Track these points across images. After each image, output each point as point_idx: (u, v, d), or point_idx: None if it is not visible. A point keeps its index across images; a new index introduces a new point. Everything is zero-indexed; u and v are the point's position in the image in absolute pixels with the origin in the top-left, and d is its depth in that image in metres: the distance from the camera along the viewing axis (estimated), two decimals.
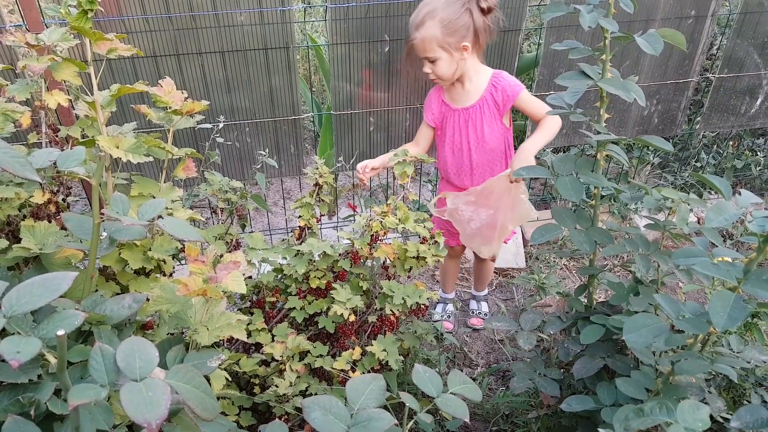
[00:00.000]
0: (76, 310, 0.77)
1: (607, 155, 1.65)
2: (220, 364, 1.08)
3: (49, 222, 1.23)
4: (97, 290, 1.29)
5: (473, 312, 2.66)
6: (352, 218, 3.02)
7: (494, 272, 2.93)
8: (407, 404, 1.07)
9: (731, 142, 3.60)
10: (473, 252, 2.44)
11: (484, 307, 2.68)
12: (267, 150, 2.49)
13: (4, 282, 0.75)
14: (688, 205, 1.52)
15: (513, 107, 2.11)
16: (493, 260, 2.23)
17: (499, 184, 1.98)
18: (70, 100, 1.29)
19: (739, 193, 1.25)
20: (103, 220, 1.06)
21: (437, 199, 2.13)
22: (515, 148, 2.12)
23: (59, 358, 0.70)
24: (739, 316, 1.05)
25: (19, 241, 1.20)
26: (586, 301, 1.85)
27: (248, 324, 1.68)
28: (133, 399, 0.69)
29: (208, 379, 1.03)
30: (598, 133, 1.60)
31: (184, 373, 0.80)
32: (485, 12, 1.94)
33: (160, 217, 1.03)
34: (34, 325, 0.79)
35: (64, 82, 1.33)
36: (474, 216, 2.05)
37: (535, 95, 2.69)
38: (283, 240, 1.96)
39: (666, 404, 1.03)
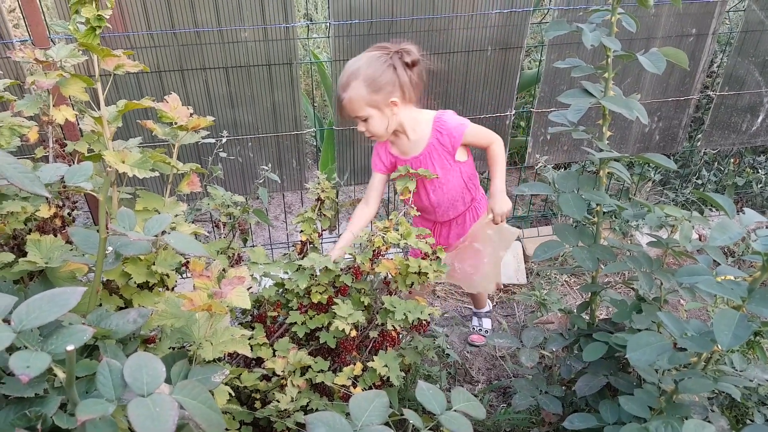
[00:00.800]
0: (83, 325, 0.77)
1: (608, 172, 1.65)
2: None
3: (55, 236, 1.24)
4: (101, 304, 1.29)
5: (474, 329, 2.66)
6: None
7: (496, 288, 2.93)
8: (411, 421, 1.07)
9: (732, 160, 3.61)
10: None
11: (486, 323, 2.68)
12: (269, 164, 2.50)
13: (12, 297, 0.75)
14: (691, 222, 1.53)
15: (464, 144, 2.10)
16: (499, 288, 2.25)
17: (482, 228, 2.05)
18: (77, 115, 1.29)
19: (743, 212, 1.26)
20: (110, 235, 1.07)
21: None
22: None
23: (68, 373, 0.70)
24: (744, 334, 1.05)
25: (24, 254, 1.20)
26: (588, 318, 1.85)
27: (249, 338, 1.67)
28: (141, 414, 0.69)
29: (211, 393, 1.03)
30: (601, 150, 1.61)
31: (190, 388, 0.80)
32: (410, 66, 1.93)
33: (165, 232, 1.03)
34: (41, 340, 0.79)
35: (70, 97, 1.34)
36: (474, 270, 2.08)
37: (537, 112, 2.72)
38: (285, 254, 1.96)
39: (671, 423, 1.03)
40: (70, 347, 0.68)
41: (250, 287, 1.82)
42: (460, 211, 2.23)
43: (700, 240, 1.49)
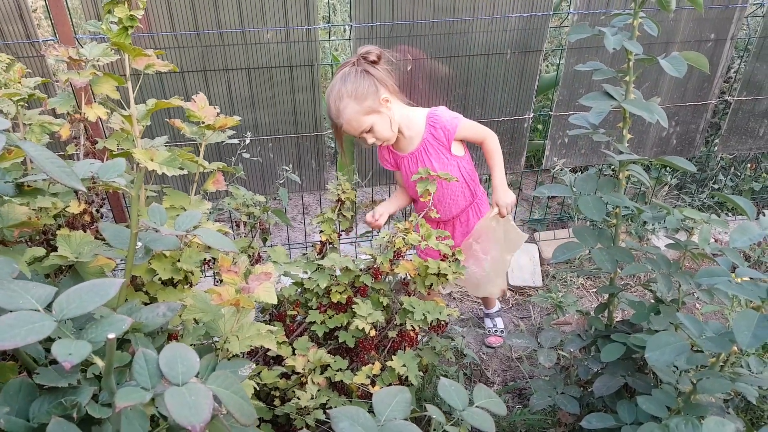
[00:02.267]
0: (121, 316, 0.79)
1: (627, 175, 1.66)
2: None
3: (84, 231, 1.27)
4: (126, 300, 1.32)
5: (489, 331, 2.67)
6: (369, 234, 3.05)
7: (511, 291, 2.94)
8: (434, 417, 1.08)
9: (749, 165, 3.60)
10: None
11: (500, 323, 2.69)
12: (290, 165, 2.53)
13: (53, 287, 0.78)
14: (709, 225, 1.53)
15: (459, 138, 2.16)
16: (504, 294, 2.28)
17: (489, 225, 2.06)
18: (108, 114, 1.32)
19: (763, 214, 1.26)
20: (141, 230, 1.09)
21: None
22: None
23: (107, 362, 0.73)
24: (764, 334, 1.06)
25: (54, 249, 1.23)
26: (605, 319, 1.86)
27: None
28: (177, 403, 0.72)
29: None
30: (620, 153, 1.62)
31: (222, 379, 0.82)
32: (377, 62, 2.00)
33: (195, 227, 1.06)
34: (74, 332, 0.82)
35: (94, 95, 1.36)
36: (478, 269, 2.10)
37: (555, 115, 2.73)
38: (304, 254, 1.99)
39: (692, 420, 1.04)
40: (111, 335, 0.70)
41: (280, 281, 1.85)
42: (462, 207, 2.26)
43: (716, 244, 1.49)
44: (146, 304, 1.39)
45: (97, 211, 1.42)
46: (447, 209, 2.24)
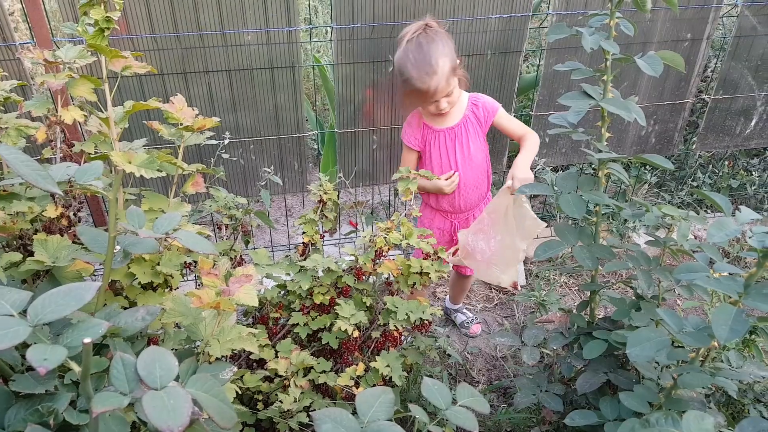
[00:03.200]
0: (98, 320, 0.79)
1: (607, 173, 1.68)
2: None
3: (62, 236, 1.25)
4: (105, 304, 1.31)
5: (465, 323, 2.70)
6: (353, 235, 3.04)
7: (495, 290, 2.95)
8: (417, 417, 1.08)
9: (726, 162, 3.65)
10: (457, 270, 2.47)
11: (469, 314, 2.75)
12: (272, 167, 2.52)
13: (28, 292, 0.77)
14: (688, 222, 1.55)
15: (492, 126, 2.16)
16: (515, 287, 2.25)
17: (502, 202, 1.99)
18: (86, 116, 1.31)
19: (739, 210, 1.28)
20: (118, 234, 1.08)
21: (454, 249, 2.14)
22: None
23: (84, 366, 0.72)
24: (741, 329, 1.07)
25: (31, 254, 1.21)
26: (587, 317, 1.87)
27: None
28: (156, 407, 0.71)
29: None
30: (600, 151, 1.63)
31: (202, 382, 0.82)
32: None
33: (174, 230, 1.05)
34: (51, 336, 0.81)
35: (72, 98, 1.35)
36: (486, 246, 2.05)
37: (536, 115, 2.75)
38: (287, 256, 1.98)
39: (672, 415, 1.05)
40: (87, 340, 0.69)
41: (262, 284, 1.84)
42: (479, 198, 2.25)
43: (695, 240, 1.51)
44: (126, 308, 1.38)
45: (75, 215, 1.40)
46: (467, 198, 2.21)
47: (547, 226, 2.06)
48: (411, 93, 2.02)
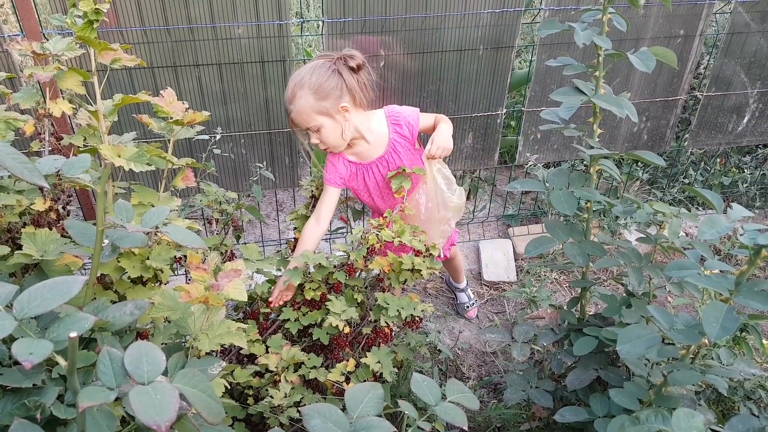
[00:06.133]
0: (84, 314, 0.78)
1: (598, 170, 1.67)
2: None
3: (50, 229, 1.24)
4: (95, 298, 1.30)
5: (466, 306, 2.76)
6: (343, 231, 3.04)
7: (485, 285, 2.96)
8: (406, 412, 1.08)
9: (719, 159, 3.66)
10: None
11: (472, 296, 2.81)
12: (264, 162, 2.51)
13: (13, 285, 0.76)
14: (679, 219, 1.55)
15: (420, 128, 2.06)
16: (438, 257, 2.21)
17: (427, 170, 1.95)
18: (75, 109, 1.30)
19: (731, 207, 1.28)
20: (107, 227, 1.07)
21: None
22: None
23: (70, 360, 0.71)
24: (732, 326, 1.07)
25: (19, 248, 1.20)
26: (578, 313, 1.87)
27: None
28: (142, 402, 0.70)
29: None
30: (591, 148, 1.63)
31: (189, 377, 0.81)
32: (355, 70, 1.89)
33: (164, 224, 1.04)
34: (38, 331, 0.80)
35: (61, 91, 1.34)
36: (424, 209, 2.02)
37: (528, 111, 2.75)
38: (278, 251, 1.97)
39: (661, 412, 1.05)
40: (73, 334, 0.68)
41: (253, 279, 1.83)
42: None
43: (687, 237, 1.51)
44: (115, 302, 1.37)
45: (64, 208, 1.39)
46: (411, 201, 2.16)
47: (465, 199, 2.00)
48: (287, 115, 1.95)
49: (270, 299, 1.82)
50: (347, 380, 1.64)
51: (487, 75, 2.58)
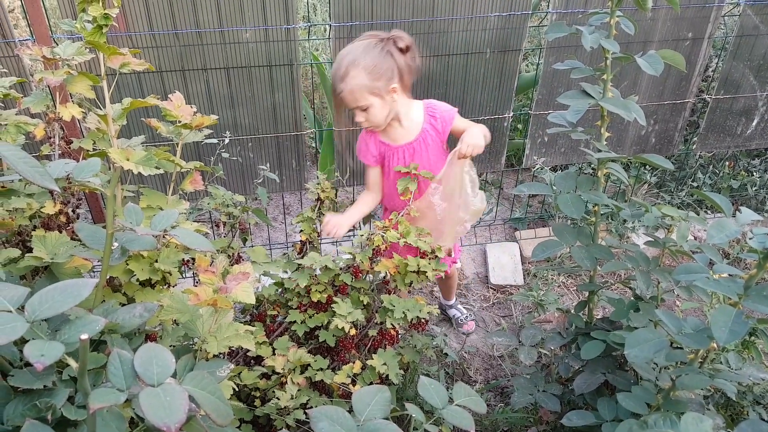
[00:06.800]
0: (95, 316, 0.78)
1: (606, 173, 1.67)
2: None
3: (60, 232, 1.25)
4: (104, 301, 1.31)
5: (459, 320, 2.71)
6: (350, 234, 3.04)
7: (492, 289, 2.95)
8: (414, 416, 1.08)
9: (727, 163, 3.64)
10: None
11: (464, 310, 2.76)
12: (269, 165, 2.52)
13: (25, 288, 0.77)
14: (688, 222, 1.55)
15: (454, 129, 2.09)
16: (449, 254, 2.21)
17: (452, 170, 1.97)
18: (84, 113, 1.31)
19: (739, 211, 1.28)
20: (117, 230, 1.08)
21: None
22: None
23: (81, 362, 0.72)
24: (741, 330, 1.07)
25: (29, 250, 1.21)
26: (585, 317, 1.87)
27: None
28: (152, 403, 0.71)
29: None
30: (599, 151, 1.63)
31: (199, 379, 0.81)
32: (404, 51, 1.94)
33: (172, 227, 1.05)
34: (49, 333, 0.80)
35: (70, 95, 1.35)
36: (430, 211, 2.01)
37: (535, 114, 2.75)
38: (284, 254, 1.98)
39: (669, 417, 1.05)
40: (84, 336, 0.69)
41: (260, 281, 1.84)
42: None
43: (695, 241, 1.51)
44: (124, 304, 1.38)
45: (74, 211, 1.40)
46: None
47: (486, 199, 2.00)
48: (332, 89, 1.99)
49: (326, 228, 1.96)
50: (353, 382, 1.64)
51: (494, 78, 2.58)
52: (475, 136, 1.96)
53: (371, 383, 1.67)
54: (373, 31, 1.97)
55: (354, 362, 1.63)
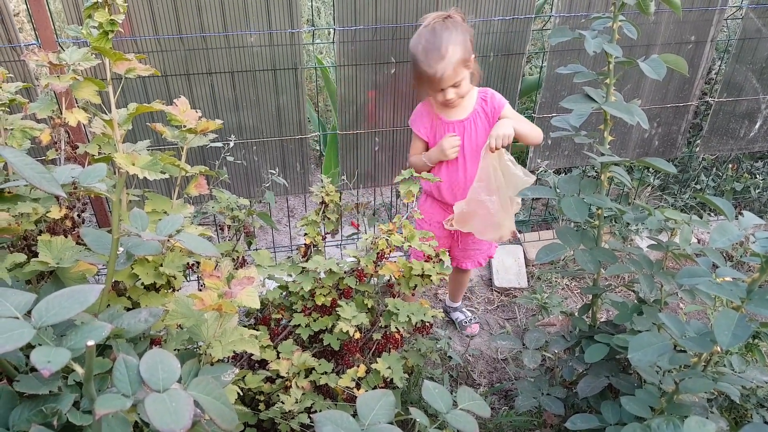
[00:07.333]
0: (102, 322, 0.79)
1: (609, 176, 1.68)
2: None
3: (66, 237, 1.26)
4: (109, 305, 1.31)
5: (464, 323, 2.71)
6: (355, 237, 3.05)
7: (497, 292, 2.96)
8: (418, 420, 1.09)
9: (730, 165, 3.64)
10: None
11: (468, 313, 2.75)
12: (276, 169, 2.52)
13: (32, 294, 0.77)
14: (691, 226, 1.55)
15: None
16: (514, 236, 2.27)
17: (487, 164, 2.02)
18: (90, 118, 1.32)
19: (742, 215, 1.28)
20: (122, 235, 1.09)
21: (450, 218, 2.15)
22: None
23: (87, 368, 0.72)
24: (744, 334, 1.07)
25: (35, 255, 1.22)
26: (589, 320, 1.87)
27: None
28: (158, 409, 0.71)
29: None
30: (602, 154, 1.63)
31: (204, 384, 0.82)
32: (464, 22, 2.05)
33: (177, 232, 1.05)
34: (55, 338, 0.81)
35: (76, 100, 1.36)
36: (482, 210, 2.06)
37: (538, 117, 2.75)
38: (289, 257, 1.98)
39: (673, 420, 1.05)
40: (90, 342, 0.69)
41: (264, 285, 1.85)
42: None
43: (699, 244, 1.51)
44: (129, 309, 1.38)
45: (79, 215, 1.41)
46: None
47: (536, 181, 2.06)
48: (419, 77, 2.05)
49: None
50: (358, 386, 1.64)
51: (498, 81, 2.58)
52: (503, 126, 2.02)
53: (375, 387, 1.67)
54: (431, 14, 2.05)
55: (358, 366, 1.64)
